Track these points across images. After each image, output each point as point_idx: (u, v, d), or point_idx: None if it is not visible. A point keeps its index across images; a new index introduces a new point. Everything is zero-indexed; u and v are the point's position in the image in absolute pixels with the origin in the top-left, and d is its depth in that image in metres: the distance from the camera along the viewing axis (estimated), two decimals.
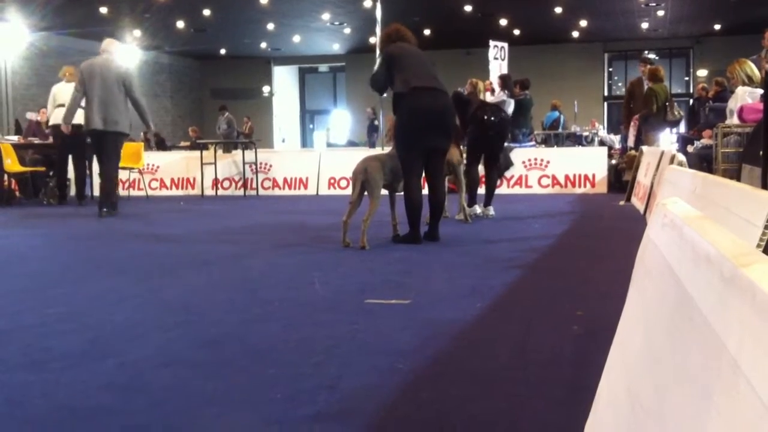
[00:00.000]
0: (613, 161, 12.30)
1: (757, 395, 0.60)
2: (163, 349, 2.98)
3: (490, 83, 11.89)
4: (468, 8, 20.51)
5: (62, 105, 10.80)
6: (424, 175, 6.32)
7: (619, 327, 1.60)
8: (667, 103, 11.02)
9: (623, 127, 12.72)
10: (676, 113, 11.24)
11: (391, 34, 6.47)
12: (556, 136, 16.80)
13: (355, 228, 5.94)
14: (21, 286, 4.58)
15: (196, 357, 2.88)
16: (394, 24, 6.61)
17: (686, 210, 1.24)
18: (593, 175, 11.96)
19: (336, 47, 28.91)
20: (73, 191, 11.97)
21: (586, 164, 12.08)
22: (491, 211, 8.20)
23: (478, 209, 8.07)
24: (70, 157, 11.23)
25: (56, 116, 10.84)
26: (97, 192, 10.85)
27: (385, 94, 10.92)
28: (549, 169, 12.14)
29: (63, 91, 10.93)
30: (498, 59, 15.08)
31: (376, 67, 6.45)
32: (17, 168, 11.44)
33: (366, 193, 5.96)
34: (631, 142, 11.17)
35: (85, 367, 2.75)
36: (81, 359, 2.85)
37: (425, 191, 6.21)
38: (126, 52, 26.05)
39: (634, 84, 12.09)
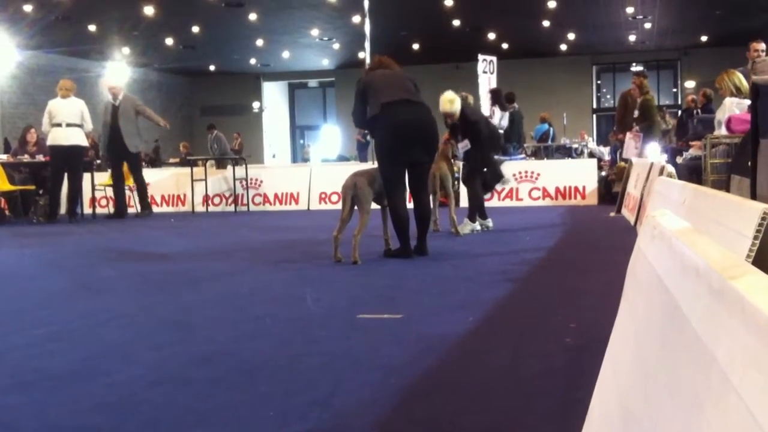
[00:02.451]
0: (603, 173, 12.35)
1: (747, 408, 0.60)
2: (155, 368, 2.96)
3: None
4: (456, 22, 20.63)
5: (59, 125, 10.67)
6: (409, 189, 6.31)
7: (610, 339, 1.60)
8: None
9: (615, 136, 12.74)
10: (668, 122, 11.36)
11: (371, 65, 6.49)
12: (546, 149, 16.86)
13: (347, 243, 5.93)
14: (10, 306, 4.55)
15: (187, 375, 2.86)
16: (377, 56, 6.62)
17: (675, 222, 1.24)
18: (583, 187, 11.99)
19: (325, 62, 29.02)
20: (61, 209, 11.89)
21: (577, 176, 12.12)
22: (490, 222, 8.20)
23: (478, 226, 8.02)
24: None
25: (54, 137, 10.69)
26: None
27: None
28: (539, 182, 12.17)
29: (60, 109, 10.74)
30: (487, 73, 15.15)
31: (353, 106, 6.34)
32: (6, 187, 11.39)
33: (356, 207, 5.96)
34: (632, 154, 11.09)
35: (75, 387, 2.73)
36: (71, 379, 2.83)
37: (410, 206, 6.21)
38: (115, 70, 26.12)
39: (626, 95, 12.16)
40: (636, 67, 26.64)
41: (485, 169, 8.14)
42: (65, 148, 10.70)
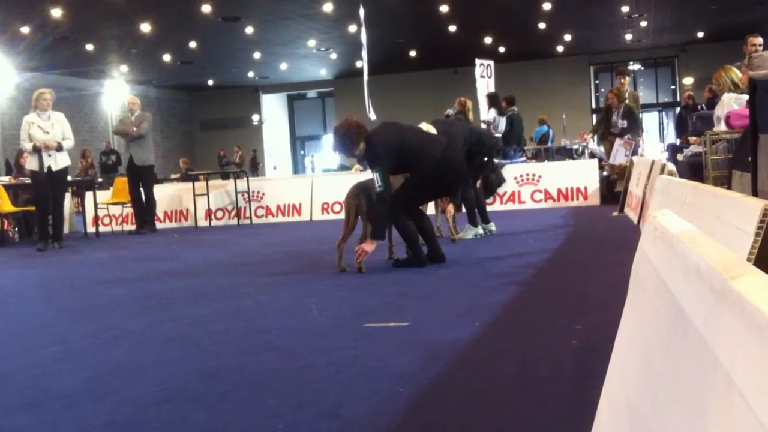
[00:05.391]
0: (605, 173, 12.36)
1: (751, 409, 0.60)
2: (163, 384, 2.97)
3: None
4: (453, 28, 20.67)
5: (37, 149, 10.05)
6: None
7: (616, 341, 1.60)
8: None
9: (604, 145, 12.94)
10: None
11: (359, 130, 5.91)
12: (547, 151, 16.85)
13: (351, 252, 5.94)
14: (17, 327, 4.55)
15: (195, 390, 2.86)
16: (347, 119, 6.05)
17: (676, 222, 1.24)
18: (585, 188, 11.99)
19: (323, 73, 29.09)
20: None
21: (578, 177, 12.12)
22: (493, 226, 8.20)
23: (481, 230, 8.02)
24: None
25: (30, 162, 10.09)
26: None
27: (374, 117, 10.93)
28: (541, 184, 12.16)
29: (37, 128, 9.95)
30: (485, 77, 15.17)
31: (378, 181, 5.66)
32: (10, 208, 11.41)
33: (360, 217, 5.97)
34: (622, 160, 11.27)
35: (84, 406, 2.73)
36: (80, 398, 2.83)
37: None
38: (114, 88, 26.21)
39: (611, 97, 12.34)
40: (633, 65, 26.74)
41: (491, 174, 8.18)
42: None
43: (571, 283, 4.88)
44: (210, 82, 29.04)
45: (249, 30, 19.79)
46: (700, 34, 24.50)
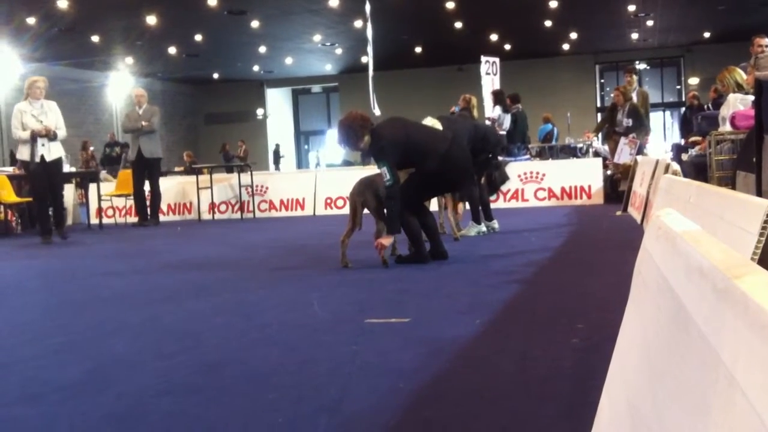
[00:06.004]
0: (608, 172, 12.34)
1: (753, 408, 0.59)
2: (163, 377, 2.96)
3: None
4: (458, 25, 20.65)
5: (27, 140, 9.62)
6: None
7: (618, 340, 1.59)
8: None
9: (609, 144, 12.97)
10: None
11: (363, 123, 5.89)
12: (551, 149, 16.84)
13: (354, 248, 5.94)
14: (18, 318, 4.56)
15: (196, 384, 2.86)
16: (352, 113, 6.01)
17: (680, 221, 1.24)
18: (589, 187, 11.97)
19: (328, 68, 29.08)
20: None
21: (582, 176, 12.10)
22: (496, 224, 8.20)
23: (484, 228, 8.03)
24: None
25: (22, 152, 9.74)
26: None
27: (378, 112, 10.93)
28: (545, 182, 12.15)
29: (30, 117, 9.69)
30: (490, 74, 15.16)
31: (387, 175, 5.62)
32: (13, 198, 11.42)
33: (370, 213, 5.97)
34: (625, 160, 11.31)
35: (84, 398, 2.73)
36: (80, 390, 2.83)
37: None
38: (119, 80, 26.22)
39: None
40: (639, 65, 26.71)
41: (495, 171, 8.17)
42: None
43: (573, 282, 4.87)
44: (215, 76, 29.06)
45: (255, 24, 19.79)
46: (707, 35, 24.45)
